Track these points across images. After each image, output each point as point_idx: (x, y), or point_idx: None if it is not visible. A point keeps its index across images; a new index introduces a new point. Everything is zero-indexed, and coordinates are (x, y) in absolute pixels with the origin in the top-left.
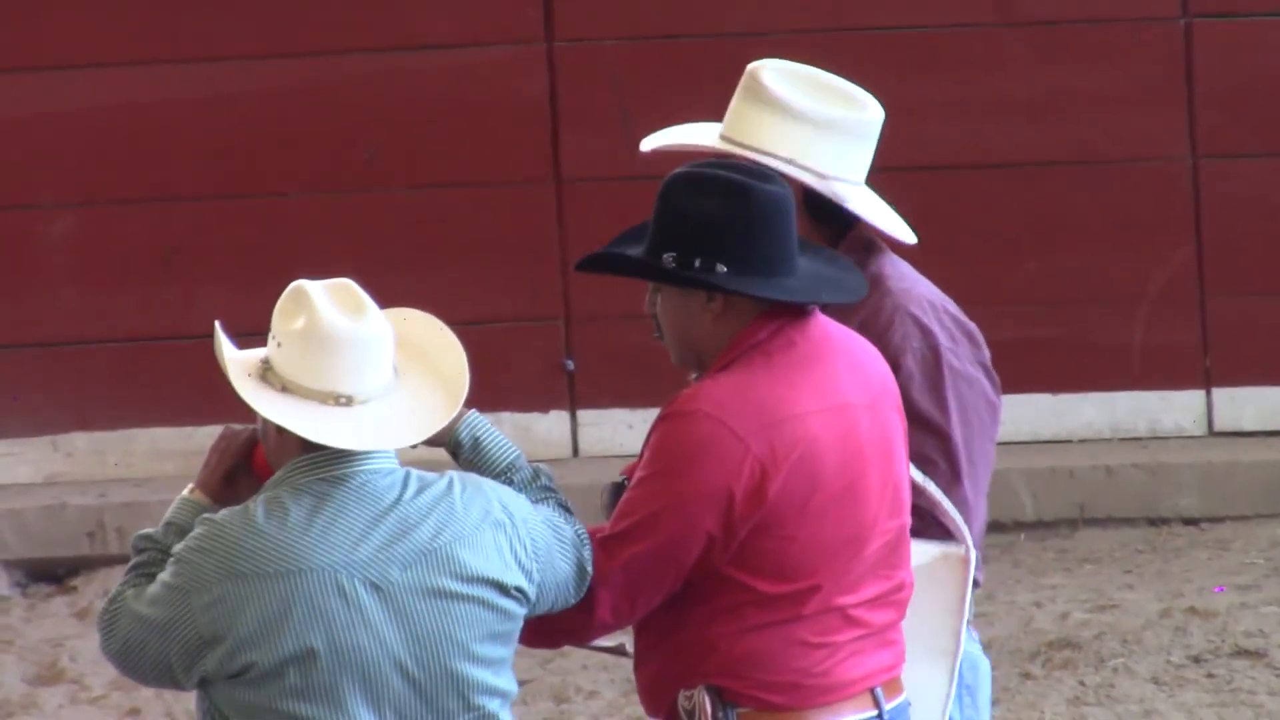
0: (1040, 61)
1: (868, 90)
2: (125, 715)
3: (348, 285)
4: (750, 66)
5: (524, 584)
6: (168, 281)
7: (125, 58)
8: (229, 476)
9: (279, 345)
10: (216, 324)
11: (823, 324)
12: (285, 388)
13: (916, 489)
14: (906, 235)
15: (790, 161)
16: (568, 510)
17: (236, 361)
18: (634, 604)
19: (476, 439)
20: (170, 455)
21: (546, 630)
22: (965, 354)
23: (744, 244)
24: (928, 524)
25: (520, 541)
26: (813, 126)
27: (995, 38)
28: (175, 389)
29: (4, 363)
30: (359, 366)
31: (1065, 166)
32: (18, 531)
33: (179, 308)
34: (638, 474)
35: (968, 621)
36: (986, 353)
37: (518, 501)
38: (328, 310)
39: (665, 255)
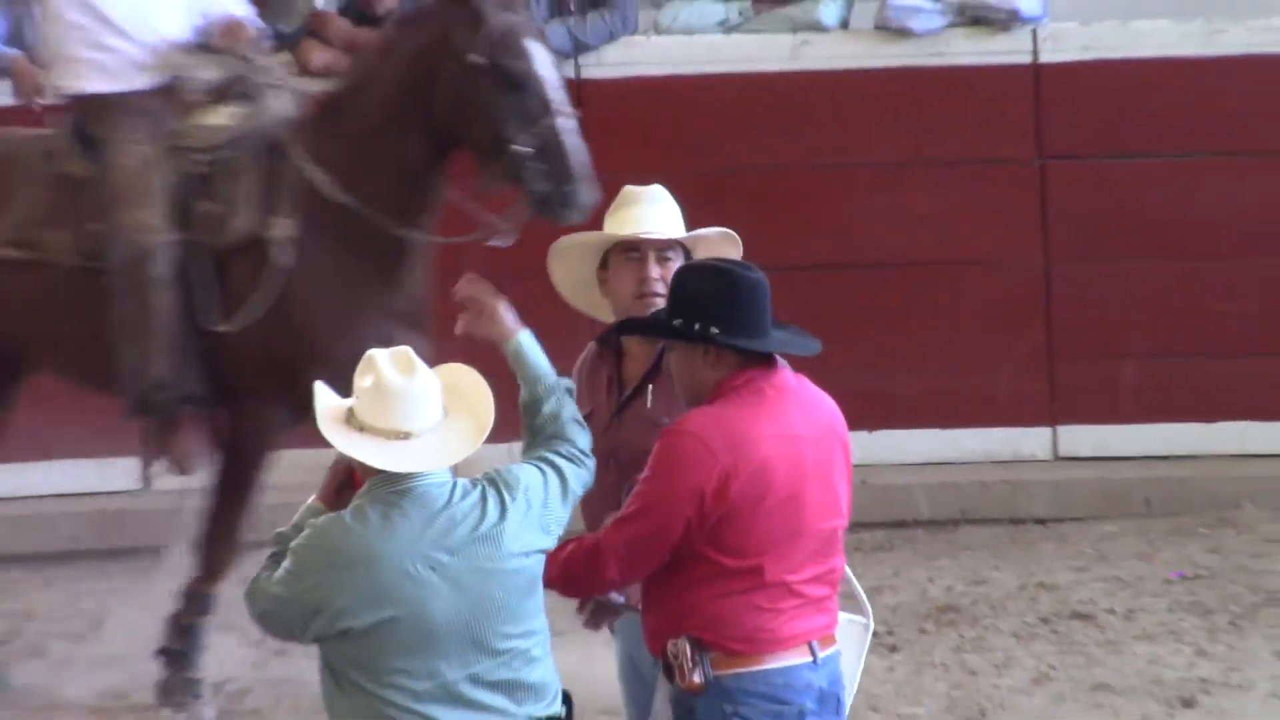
0: (937, 187)
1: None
2: None
3: (405, 351)
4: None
5: (545, 544)
6: None
7: None
8: (339, 490)
9: (356, 398)
10: (318, 384)
11: (785, 376)
12: (363, 428)
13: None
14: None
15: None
16: (580, 426)
17: (327, 411)
18: (633, 568)
19: (520, 353)
20: (310, 470)
21: (572, 583)
22: None
23: (730, 312)
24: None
25: (544, 511)
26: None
27: (908, 171)
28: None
29: None
30: (412, 411)
31: (957, 266)
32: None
33: None
34: (643, 475)
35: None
36: None
37: (532, 481)
38: (388, 371)
39: (675, 321)
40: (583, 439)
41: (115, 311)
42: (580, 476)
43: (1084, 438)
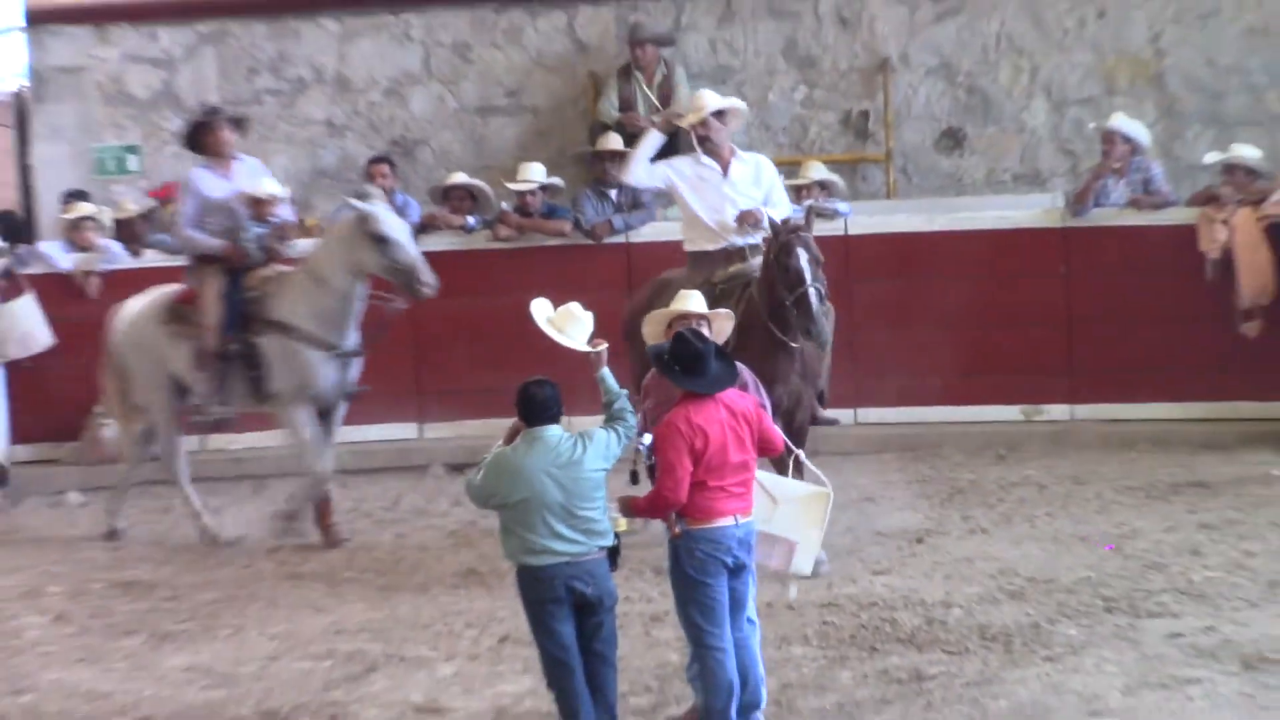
0: None
1: None
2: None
3: (577, 307)
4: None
5: (605, 466)
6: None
7: None
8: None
9: (556, 313)
10: (537, 300)
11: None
12: (550, 323)
13: (805, 468)
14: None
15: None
16: (631, 414)
17: (540, 311)
18: (676, 493)
19: (603, 378)
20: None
21: (651, 509)
22: (753, 379)
23: (687, 361)
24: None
25: (606, 452)
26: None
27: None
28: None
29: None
30: (574, 326)
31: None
32: (446, 453)
33: None
34: (657, 449)
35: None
36: (756, 382)
37: (601, 437)
38: (574, 308)
39: (665, 357)
40: (632, 418)
41: None
42: (629, 434)
43: (872, 414)
